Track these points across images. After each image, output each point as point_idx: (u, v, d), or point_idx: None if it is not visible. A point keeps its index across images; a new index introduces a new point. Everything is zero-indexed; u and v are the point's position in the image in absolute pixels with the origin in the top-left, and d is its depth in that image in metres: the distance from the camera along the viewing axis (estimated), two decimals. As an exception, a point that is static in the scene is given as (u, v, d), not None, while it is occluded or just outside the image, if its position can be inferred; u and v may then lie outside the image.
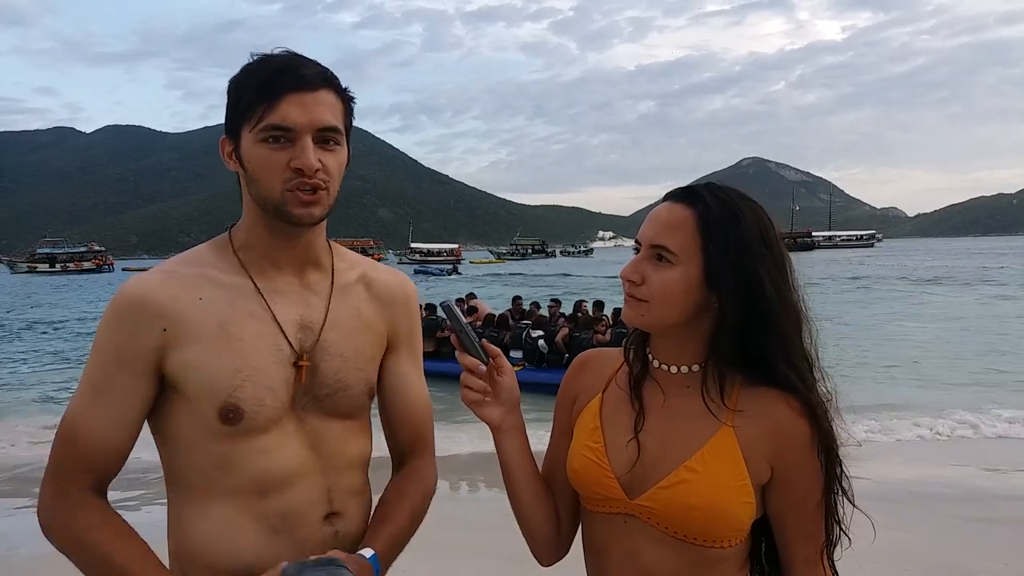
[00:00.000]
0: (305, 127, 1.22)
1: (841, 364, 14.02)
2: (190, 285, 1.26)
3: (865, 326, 20.08)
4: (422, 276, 69.56)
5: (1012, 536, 5.03)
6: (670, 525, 1.21)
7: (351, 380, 1.34)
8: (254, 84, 1.23)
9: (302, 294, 1.33)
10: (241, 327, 1.26)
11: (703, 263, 1.20)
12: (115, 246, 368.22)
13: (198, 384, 1.22)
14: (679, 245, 1.21)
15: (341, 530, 1.32)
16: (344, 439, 1.34)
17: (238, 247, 1.32)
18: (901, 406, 10.18)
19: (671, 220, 1.22)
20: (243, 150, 1.25)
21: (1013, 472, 7.03)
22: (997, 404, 10.24)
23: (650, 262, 1.23)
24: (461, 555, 4.82)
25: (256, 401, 1.23)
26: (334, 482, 1.32)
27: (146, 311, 1.22)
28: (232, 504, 1.25)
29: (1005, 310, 23.59)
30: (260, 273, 1.31)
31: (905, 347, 16.23)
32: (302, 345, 1.30)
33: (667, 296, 1.21)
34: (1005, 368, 13.32)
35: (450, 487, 6.71)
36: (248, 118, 1.23)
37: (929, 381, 12.44)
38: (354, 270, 1.42)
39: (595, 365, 1.41)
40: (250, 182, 1.26)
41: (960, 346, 16.16)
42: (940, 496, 6.08)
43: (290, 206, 1.24)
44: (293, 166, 1.22)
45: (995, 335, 17.55)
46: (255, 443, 1.25)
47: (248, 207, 1.31)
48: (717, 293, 1.20)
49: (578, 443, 1.31)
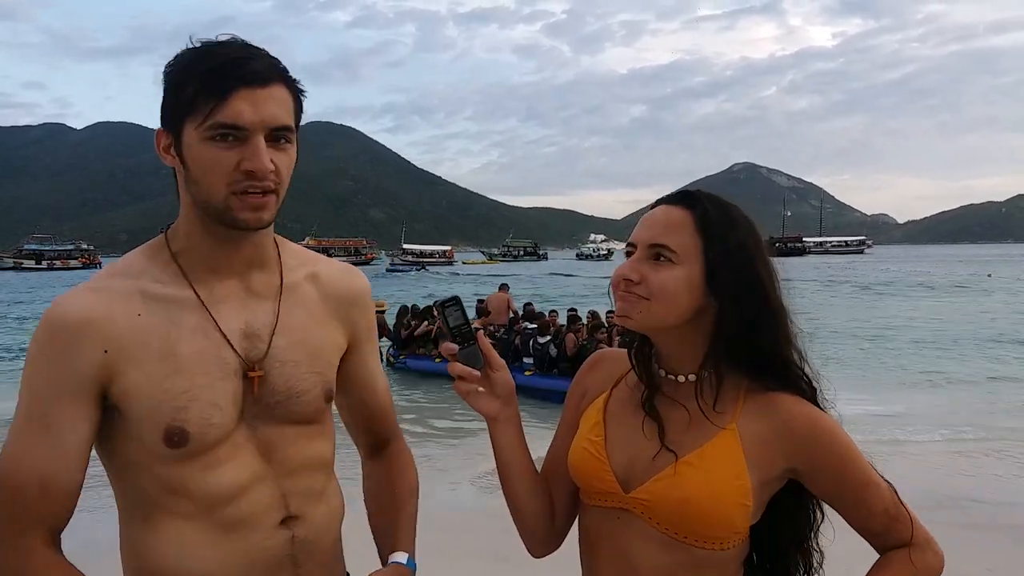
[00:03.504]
0: (257, 126, 1.14)
1: (831, 365, 14.08)
2: (126, 301, 1.17)
3: (857, 328, 20.20)
4: (398, 275, 70.02)
5: (997, 542, 5.08)
6: (662, 520, 1.21)
7: (304, 385, 1.28)
8: (199, 75, 1.13)
9: (247, 300, 1.26)
10: (183, 343, 1.18)
11: (704, 264, 1.20)
12: (104, 243, 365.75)
13: (140, 409, 1.16)
14: (680, 244, 1.20)
15: (299, 534, 1.28)
16: (299, 444, 1.29)
17: (176, 252, 1.23)
18: (888, 412, 10.24)
19: (670, 221, 1.22)
20: (185, 147, 1.16)
21: (998, 478, 7.08)
22: (987, 409, 10.33)
23: (648, 262, 1.22)
24: (447, 556, 4.83)
25: (202, 421, 1.18)
26: (289, 487, 1.27)
27: (84, 333, 1.13)
28: (184, 521, 1.21)
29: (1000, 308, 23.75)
30: (201, 281, 1.23)
31: (894, 350, 16.32)
32: (249, 355, 1.23)
33: (668, 294, 1.20)
34: (994, 375, 13.42)
35: (438, 487, 6.71)
36: (192, 113, 1.14)
37: (918, 386, 12.52)
38: (304, 268, 1.35)
39: (607, 364, 1.41)
40: (190, 182, 1.18)
41: (951, 350, 16.25)
42: (924, 502, 6.11)
43: (237, 211, 1.16)
44: (244, 168, 1.14)
45: (987, 338, 17.68)
46: (203, 461, 1.20)
47: (187, 208, 1.22)
48: (717, 295, 1.21)
49: (580, 437, 1.33)
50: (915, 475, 7.14)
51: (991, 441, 8.67)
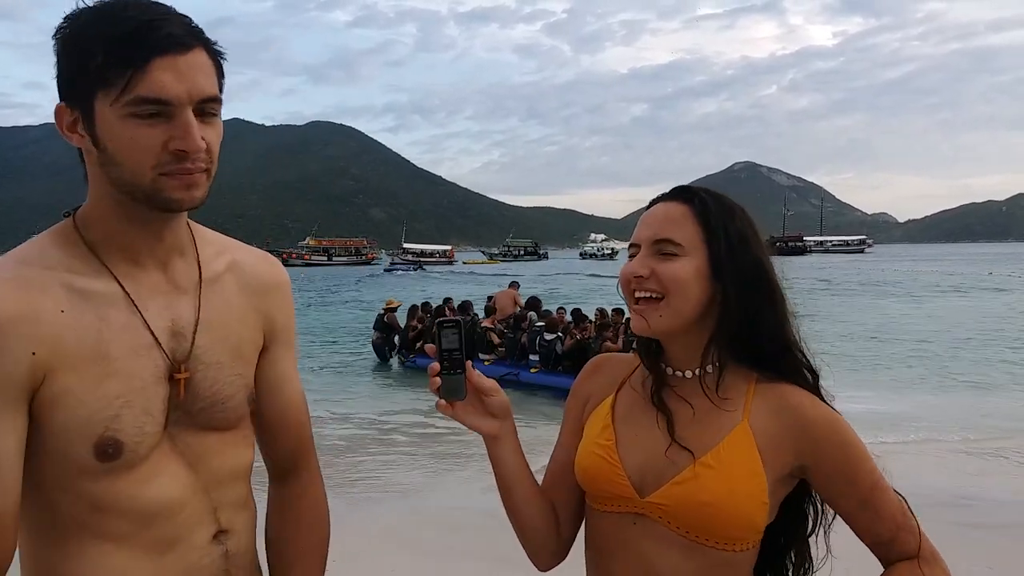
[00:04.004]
0: (184, 99, 1.01)
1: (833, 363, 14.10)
2: (47, 295, 1.03)
3: (859, 327, 20.21)
4: (397, 274, 70.43)
5: (997, 540, 5.08)
6: (682, 524, 1.18)
7: (229, 390, 1.18)
8: (108, 41, 0.99)
9: (170, 293, 1.14)
10: (115, 343, 1.06)
11: (708, 254, 1.21)
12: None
13: (69, 418, 1.03)
14: (683, 237, 1.21)
15: (231, 548, 1.20)
16: (224, 453, 1.19)
17: (91, 242, 1.10)
18: (883, 412, 10.25)
19: (671, 215, 1.23)
20: (100, 125, 1.02)
21: (998, 476, 7.09)
22: (984, 409, 10.34)
23: (654, 258, 1.22)
24: (448, 556, 4.84)
25: (136, 430, 1.07)
26: (219, 499, 1.19)
27: (8, 333, 0.99)
28: (112, 543, 1.09)
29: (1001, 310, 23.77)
30: (124, 273, 1.10)
31: (897, 350, 16.33)
32: (175, 355, 1.12)
33: (680, 285, 1.20)
34: (994, 374, 13.43)
35: (438, 488, 6.72)
36: (104, 86, 1.00)
37: (920, 385, 12.52)
38: (222, 256, 1.23)
39: (608, 368, 1.40)
40: (109, 164, 1.04)
41: (954, 350, 16.26)
42: (925, 501, 6.11)
43: (168, 191, 1.04)
44: (174, 148, 1.02)
45: (987, 340, 17.69)
46: (132, 476, 1.08)
47: (102, 192, 1.09)
48: (723, 284, 1.21)
49: (588, 441, 1.30)
50: (916, 473, 7.16)
51: (993, 440, 8.68)
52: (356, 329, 21.14)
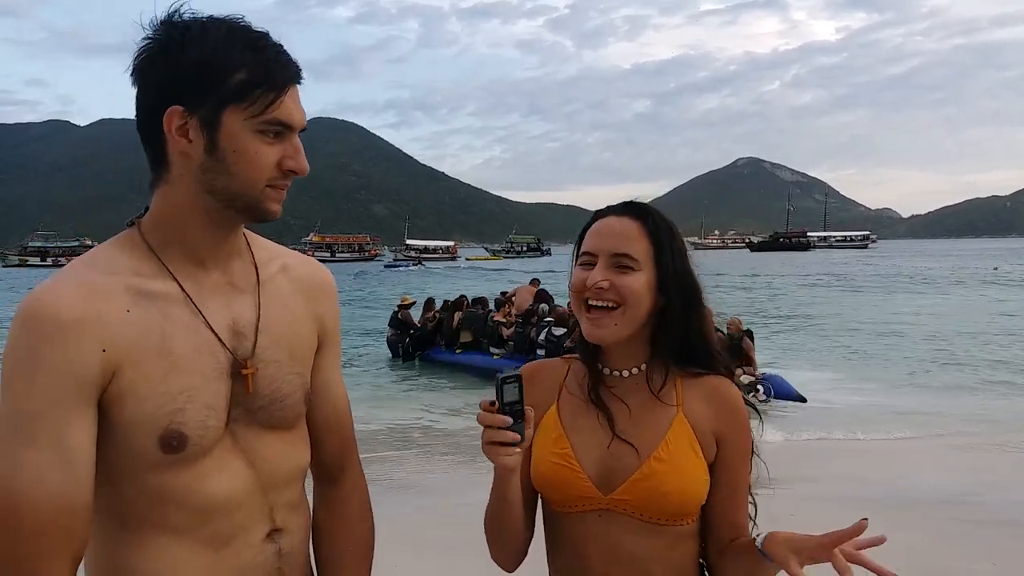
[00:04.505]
0: (300, 126, 1.15)
1: (838, 360, 14.08)
2: (112, 296, 1.08)
3: (867, 323, 20.16)
4: (399, 270, 70.60)
5: (1000, 537, 5.06)
6: (645, 512, 1.32)
7: (287, 388, 1.22)
8: (253, 63, 1.08)
9: (230, 293, 1.20)
10: (178, 340, 1.11)
11: (656, 269, 1.34)
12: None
13: (136, 412, 1.08)
14: (639, 252, 1.34)
15: (284, 547, 1.24)
16: (283, 452, 1.24)
17: (156, 246, 1.15)
18: (890, 408, 10.24)
19: (627, 231, 1.35)
20: (226, 135, 1.09)
21: (1004, 473, 7.07)
22: (988, 405, 10.32)
23: (612, 270, 1.33)
24: (451, 555, 4.83)
25: (199, 424, 1.11)
26: (275, 499, 1.22)
27: (80, 331, 1.04)
28: (171, 535, 1.13)
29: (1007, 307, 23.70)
30: (185, 275, 1.15)
31: (902, 346, 16.30)
32: (238, 353, 1.17)
33: (637, 297, 1.32)
34: (995, 370, 13.39)
35: (442, 485, 6.71)
36: (241, 101, 1.08)
37: (918, 383, 12.50)
38: (274, 260, 1.29)
39: (542, 376, 1.46)
40: (219, 171, 1.10)
41: (958, 346, 16.22)
42: (929, 498, 6.10)
43: (268, 203, 1.14)
44: (287, 167, 1.13)
45: (991, 336, 17.64)
46: (195, 469, 1.13)
47: (186, 195, 1.13)
48: (667, 296, 1.35)
49: (543, 451, 1.37)
50: (923, 471, 7.15)
51: (998, 435, 8.67)
52: (361, 327, 21.10)
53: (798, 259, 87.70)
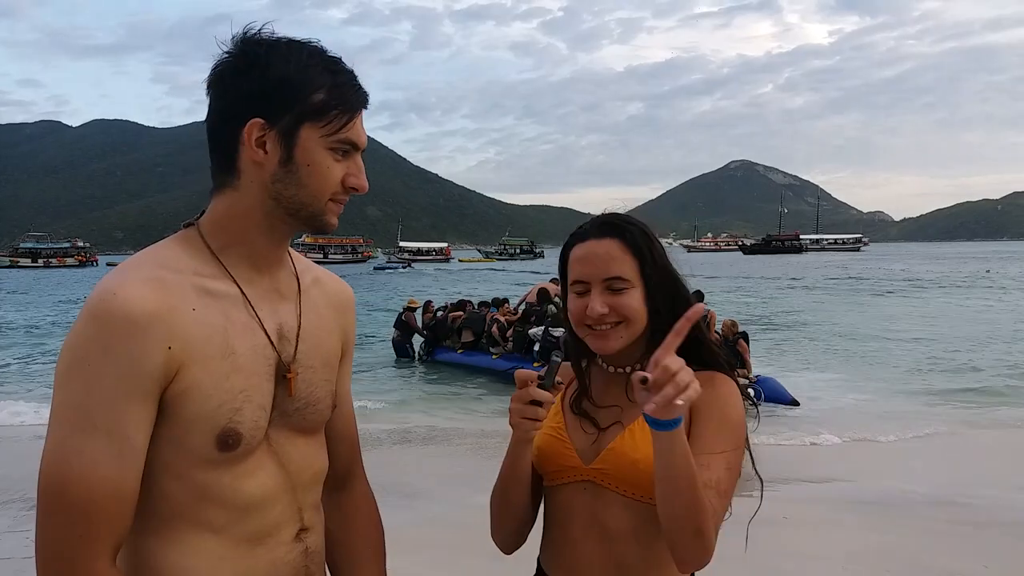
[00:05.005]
0: (363, 146, 1.22)
1: (830, 363, 14.13)
2: (180, 294, 1.12)
3: (852, 327, 20.24)
4: (388, 271, 70.57)
5: (993, 539, 5.09)
6: (621, 484, 1.38)
7: (320, 393, 1.28)
8: (329, 86, 1.15)
9: (276, 300, 1.25)
10: (238, 340, 1.16)
11: (643, 282, 1.41)
12: (101, 241, 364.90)
13: (198, 410, 1.11)
14: (627, 271, 1.40)
15: (311, 546, 1.29)
16: (310, 455, 1.29)
17: (216, 248, 1.19)
18: (881, 409, 10.28)
19: (612, 253, 1.40)
20: (302, 149, 1.15)
21: (993, 475, 7.11)
22: (978, 407, 10.37)
23: (607, 294, 1.40)
24: (442, 553, 4.83)
25: (253, 424, 1.16)
26: (303, 499, 1.27)
27: (149, 327, 1.06)
28: (210, 533, 1.16)
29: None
30: (242, 278, 1.20)
31: (890, 350, 16.37)
32: (283, 356, 1.22)
33: (635, 313, 1.39)
34: (988, 373, 13.45)
35: (434, 484, 6.71)
36: (318, 119, 1.15)
37: (910, 385, 12.55)
38: (309, 272, 1.35)
39: (567, 368, 1.55)
40: (290, 181, 1.16)
41: (948, 349, 16.30)
42: (921, 499, 6.13)
43: (329, 216, 1.21)
44: (351, 184, 1.20)
45: (983, 335, 17.73)
46: (239, 468, 1.17)
47: (255, 204, 1.18)
48: (655, 302, 1.41)
49: (543, 428, 1.43)
50: (913, 472, 7.18)
51: (989, 436, 8.71)
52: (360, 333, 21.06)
53: (791, 261, 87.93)
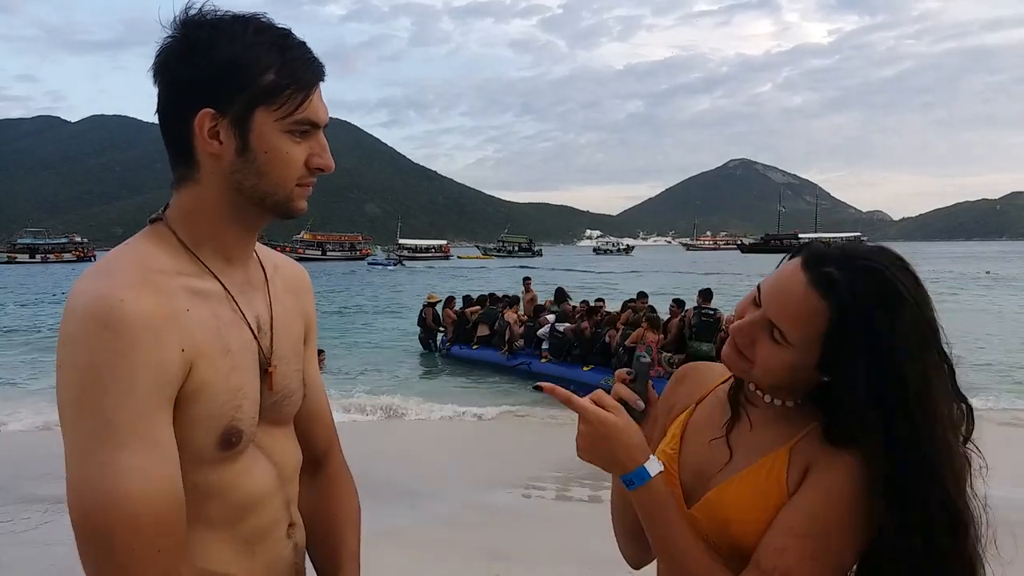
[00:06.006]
0: (325, 123, 1.14)
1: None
2: (175, 295, 1.07)
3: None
4: (378, 268, 70.99)
5: (987, 539, 5.05)
6: (713, 537, 1.18)
7: (294, 384, 1.25)
8: (279, 65, 1.08)
9: (250, 291, 1.20)
10: (232, 338, 1.13)
11: (820, 354, 1.10)
12: (99, 236, 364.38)
13: (204, 409, 1.08)
14: (799, 337, 1.10)
15: (298, 541, 1.27)
16: (288, 448, 1.26)
17: (192, 244, 1.13)
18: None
19: (800, 305, 1.09)
20: (257, 135, 1.08)
21: (987, 474, 7.07)
22: (979, 406, 10.36)
23: (763, 329, 1.13)
24: (438, 551, 4.80)
25: (250, 420, 1.14)
26: (289, 493, 1.25)
27: (164, 331, 1.03)
28: (211, 532, 1.13)
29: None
30: (219, 271, 1.15)
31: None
32: (263, 350, 1.18)
33: (771, 372, 1.14)
34: (981, 374, 13.44)
35: (431, 483, 6.68)
36: (271, 102, 1.07)
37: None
38: (268, 259, 1.30)
39: (694, 378, 1.38)
40: (249, 171, 1.10)
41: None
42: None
43: (297, 201, 1.15)
44: (315, 165, 1.13)
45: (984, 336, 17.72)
46: (237, 466, 1.14)
47: (216, 194, 1.12)
48: (831, 375, 1.11)
49: (658, 449, 1.29)
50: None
51: (981, 436, 8.67)
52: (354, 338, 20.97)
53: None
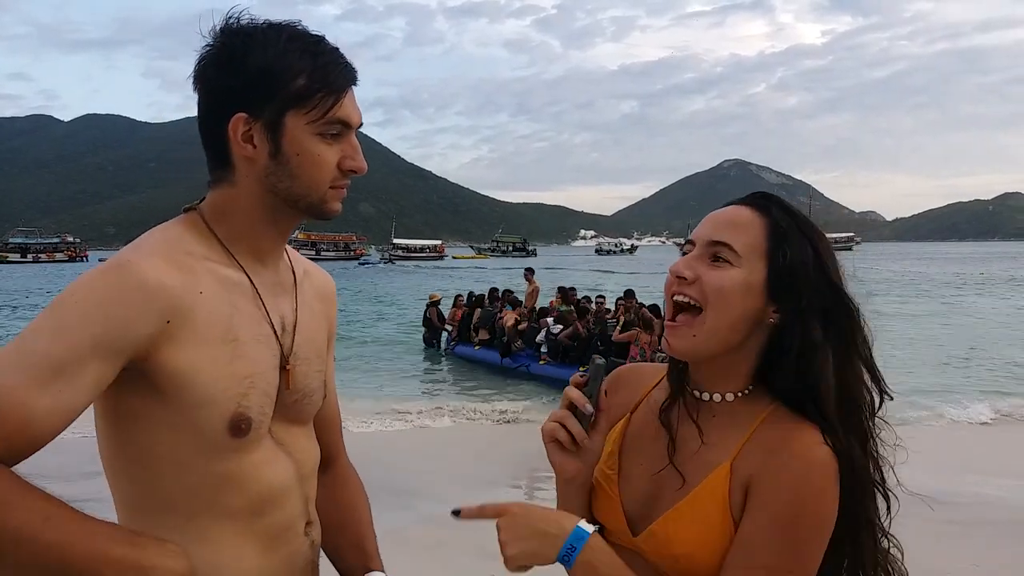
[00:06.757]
0: (356, 124, 1.17)
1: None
2: (191, 276, 1.11)
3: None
4: (368, 266, 71.30)
5: (983, 538, 5.12)
6: (665, 567, 1.10)
7: (314, 384, 1.28)
8: (310, 69, 1.12)
9: (278, 292, 1.24)
10: (243, 328, 1.15)
11: (766, 265, 1.09)
12: (93, 236, 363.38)
13: (203, 393, 1.09)
14: (743, 244, 1.09)
15: (315, 538, 1.29)
16: (307, 446, 1.28)
17: (225, 238, 1.18)
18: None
19: (736, 219, 1.12)
20: (289, 139, 1.12)
21: (984, 474, 7.14)
22: (965, 408, 10.42)
23: (705, 261, 1.11)
24: (434, 551, 4.84)
25: (260, 410, 1.15)
26: (308, 491, 1.27)
27: (155, 298, 1.05)
28: (231, 526, 1.15)
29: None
30: (250, 268, 1.19)
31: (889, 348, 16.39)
32: (284, 348, 1.21)
33: (723, 297, 1.08)
34: (979, 373, 13.52)
35: (431, 483, 6.71)
36: (302, 105, 1.11)
37: (900, 385, 12.62)
38: (299, 264, 1.34)
39: (629, 382, 1.29)
40: (283, 173, 1.14)
41: (938, 350, 16.36)
42: (910, 498, 6.15)
43: (331, 203, 1.18)
44: (347, 167, 1.16)
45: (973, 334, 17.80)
46: (254, 457, 1.16)
47: (251, 195, 1.16)
48: (781, 304, 1.09)
49: (596, 468, 1.20)
50: (902, 471, 7.19)
51: (979, 436, 8.75)
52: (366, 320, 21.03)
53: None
